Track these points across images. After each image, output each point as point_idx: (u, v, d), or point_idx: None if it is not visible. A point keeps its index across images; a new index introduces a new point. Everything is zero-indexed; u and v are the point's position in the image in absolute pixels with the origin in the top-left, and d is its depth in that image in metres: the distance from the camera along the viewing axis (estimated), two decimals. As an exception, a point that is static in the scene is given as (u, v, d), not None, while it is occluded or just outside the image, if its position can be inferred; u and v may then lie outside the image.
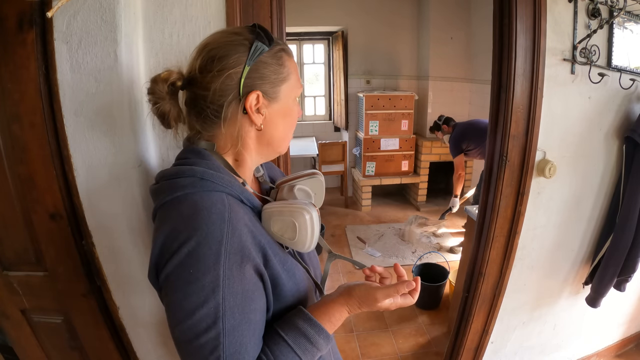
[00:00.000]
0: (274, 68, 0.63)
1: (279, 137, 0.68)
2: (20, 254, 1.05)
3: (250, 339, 0.55)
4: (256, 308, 0.57)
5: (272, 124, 0.66)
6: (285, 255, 0.66)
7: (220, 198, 0.58)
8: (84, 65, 0.89)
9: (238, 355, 0.53)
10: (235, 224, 0.55)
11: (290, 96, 0.67)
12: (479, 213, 1.52)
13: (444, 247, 3.33)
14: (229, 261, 0.53)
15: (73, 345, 1.18)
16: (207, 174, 0.59)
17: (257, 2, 1.08)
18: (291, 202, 0.66)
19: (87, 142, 0.94)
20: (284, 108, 0.67)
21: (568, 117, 1.38)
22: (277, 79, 0.64)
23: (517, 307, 1.63)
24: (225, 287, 0.52)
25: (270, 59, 0.63)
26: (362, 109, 3.91)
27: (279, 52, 0.64)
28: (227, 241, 0.53)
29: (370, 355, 2.13)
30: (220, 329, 0.52)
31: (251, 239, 0.58)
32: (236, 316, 0.53)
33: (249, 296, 0.55)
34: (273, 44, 0.64)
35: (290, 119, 0.69)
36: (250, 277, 0.56)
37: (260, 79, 0.62)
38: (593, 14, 1.29)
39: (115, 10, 0.87)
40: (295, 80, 0.67)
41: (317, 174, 0.77)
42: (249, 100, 0.61)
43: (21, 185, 0.98)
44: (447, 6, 3.80)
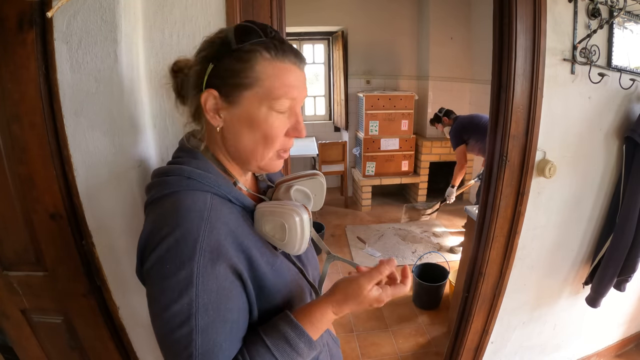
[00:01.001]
0: (236, 69, 0.58)
1: (244, 149, 0.62)
2: (20, 254, 1.05)
3: (225, 338, 0.55)
4: (232, 307, 0.56)
5: (233, 131, 0.61)
6: (274, 256, 0.65)
7: (202, 197, 0.58)
8: (84, 65, 0.89)
9: (211, 353, 0.53)
10: (214, 223, 0.55)
11: (258, 106, 0.59)
12: (479, 213, 1.52)
13: (444, 247, 3.33)
14: (204, 259, 0.53)
15: (73, 345, 1.18)
16: (194, 173, 0.60)
17: (257, 2, 1.08)
18: (283, 203, 0.65)
19: (87, 142, 0.94)
20: (247, 117, 0.60)
21: (568, 117, 1.38)
22: (238, 83, 0.58)
23: (517, 307, 1.63)
24: (199, 284, 0.52)
25: (235, 60, 0.58)
26: (362, 109, 3.91)
27: (249, 54, 0.58)
28: (204, 239, 0.53)
29: (370, 355, 2.13)
30: (193, 326, 0.52)
31: (231, 239, 0.57)
32: (210, 314, 0.53)
33: (224, 294, 0.54)
34: (247, 43, 0.58)
35: (260, 133, 0.60)
36: (225, 275, 0.55)
37: (220, 79, 0.59)
38: (593, 14, 1.29)
39: (115, 10, 0.87)
40: (268, 89, 0.58)
41: (318, 175, 0.75)
42: (203, 98, 0.60)
43: (21, 185, 0.98)
44: (447, 6, 3.80)
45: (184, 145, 0.67)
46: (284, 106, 0.61)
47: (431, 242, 3.41)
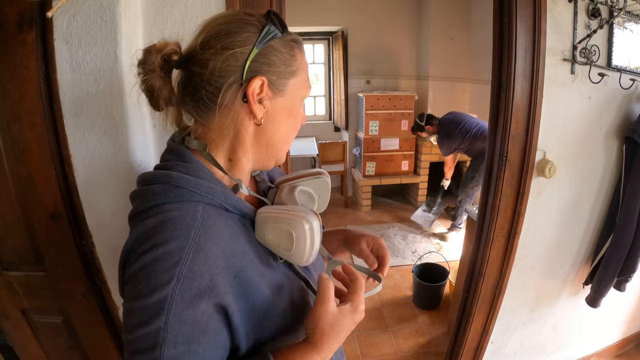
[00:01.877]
0: (285, 58, 0.56)
1: (279, 139, 0.60)
2: (20, 254, 1.05)
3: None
4: (208, 342, 0.47)
5: (274, 121, 0.58)
6: (272, 271, 0.58)
7: (192, 210, 0.50)
8: (84, 65, 0.89)
9: None
10: (202, 244, 0.48)
11: (298, 94, 0.60)
12: (479, 213, 1.52)
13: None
14: (182, 285, 0.45)
15: (73, 345, 1.18)
16: (183, 180, 0.52)
17: (257, 2, 1.08)
18: (290, 207, 0.58)
19: (87, 142, 0.94)
20: (289, 106, 0.59)
21: (568, 117, 1.38)
22: (286, 71, 0.57)
23: (517, 307, 1.63)
24: (171, 313, 0.45)
25: (282, 47, 0.56)
26: (362, 109, 3.91)
27: (292, 43, 0.58)
28: (185, 263, 0.46)
29: (370, 355, 2.13)
30: (158, 356, 0.45)
31: (223, 261, 0.49)
32: (179, 347, 0.45)
33: (199, 328, 0.46)
34: (287, 32, 0.58)
35: (294, 120, 0.61)
36: (204, 309, 0.47)
37: (268, 66, 0.55)
38: (593, 14, 1.29)
39: (115, 10, 0.87)
40: (304, 78, 0.60)
41: (323, 174, 0.69)
42: (252, 86, 0.53)
43: (21, 185, 0.98)
44: (447, 6, 3.80)
45: (172, 146, 0.59)
46: (307, 94, 0.62)
47: (431, 242, 3.41)
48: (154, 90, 0.55)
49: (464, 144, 3.17)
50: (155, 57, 0.53)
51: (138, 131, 0.96)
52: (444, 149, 3.30)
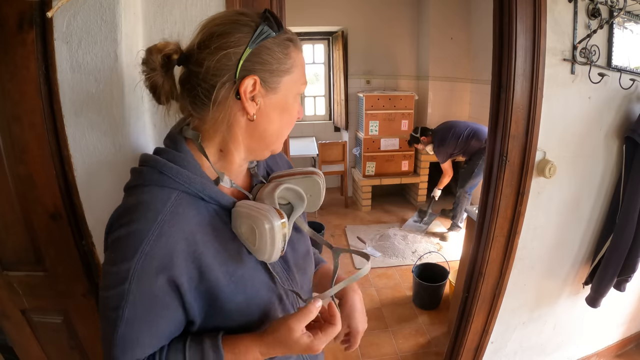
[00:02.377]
0: (278, 56, 0.59)
1: (273, 133, 0.63)
2: (20, 254, 1.05)
3: (146, 337, 0.57)
4: (162, 315, 0.57)
5: (267, 117, 0.61)
6: (238, 265, 0.61)
7: (165, 196, 0.56)
8: (84, 65, 0.89)
9: (128, 343, 0.56)
10: (166, 228, 0.54)
11: (292, 91, 0.62)
12: (479, 213, 1.52)
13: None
14: (144, 261, 0.53)
15: (73, 345, 1.18)
16: (167, 167, 0.58)
17: (257, 2, 1.08)
18: (259, 205, 0.59)
19: (87, 142, 0.94)
20: (283, 102, 0.61)
21: (568, 117, 1.38)
22: (279, 69, 0.59)
23: (517, 307, 1.63)
24: (133, 283, 0.53)
25: (275, 46, 0.58)
26: (362, 109, 3.91)
27: (286, 41, 0.60)
28: (149, 242, 0.53)
29: (370, 355, 2.13)
30: (120, 315, 0.54)
31: (184, 245, 0.55)
32: (137, 311, 0.55)
33: (155, 301, 0.55)
34: (281, 31, 0.59)
35: (289, 116, 0.63)
36: (161, 286, 0.54)
37: (261, 65, 0.58)
38: (593, 14, 1.29)
39: (115, 10, 0.87)
40: (299, 75, 0.62)
41: (315, 174, 0.70)
42: (244, 85, 0.57)
43: (21, 185, 0.98)
44: (447, 6, 3.80)
45: (173, 134, 0.65)
46: (302, 90, 0.64)
47: (431, 242, 3.41)
48: (156, 87, 0.59)
49: (459, 147, 3.30)
50: (157, 57, 0.57)
51: (138, 131, 0.96)
52: (441, 155, 3.41)
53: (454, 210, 3.46)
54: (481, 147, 3.23)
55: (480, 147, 3.24)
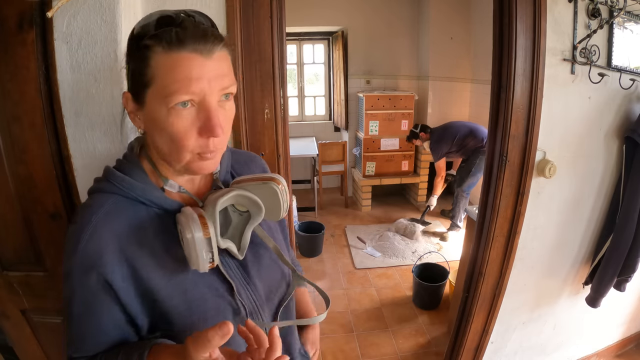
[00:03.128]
0: (138, 67, 0.54)
1: (161, 150, 0.58)
2: (20, 254, 1.05)
3: (93, 335, 0.59)
4: (102, 312, 0.58)
5: (150, 133, 0.59)
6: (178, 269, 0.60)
7: (103, 200, 0.59)
8: (84, 65, 0.89)
9: (78, 339, 0.60)
10: (98, 230, 0.56)
11: (159, 104, 0.53)
12: (479, 213, 1.52)
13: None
14: (80, 257, 0.56)
15: (73, 345, 1.18)
16: (112, 175, 0.61)
17: (257, 2, 1.08)
18: (189, 213, 0.57)
19: (87, 142, 0.94)
20: (152, 117, 0.55)
21: (568, 117, 1.38)
22: (140, 82, 0.54)
23: (517, 307, 1.63)
24: (75, 278, 0.56)
25: (135, 58, 0.54)
26: (362, 109, 3.91)
27: (145, 51, 0.52)
28: (83, 242, 0.56)
29: (370, 355, 2.13)
30: (71, 312, 0.58)
31: (114, 246, 0.56)
32: (80, 308, 0.58)
33: (94, 298, 0.57)
34: (144, 39, 0.53)
35: (165, 132, 0.55)
36: (95, 282, 0.56)
37: (130, 79, 0.57)
38: (593, 14, 1.29)
39: (115, 10, 0.87)
40: (162, 85, 0.52)
41: (271, 180, 0.64)
42: (124, 100, 0.59)
43: (21, 185, 0.98)
44: (447, 6, 3.80)
45: (128, 145, 0.68)
46: (179, 101, 0.52)
47: (431, 242, 3.41)
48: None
49: (455, 145, 3.32)
50: None
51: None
52: (435, 152, 3.42)
53: (453, 210, 3.47)
54: (478, 146, 3.26)
55: (477, 146, 3.26)
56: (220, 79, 0.54)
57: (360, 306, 2.56)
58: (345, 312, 2.49)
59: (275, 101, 1.16)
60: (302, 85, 4.64)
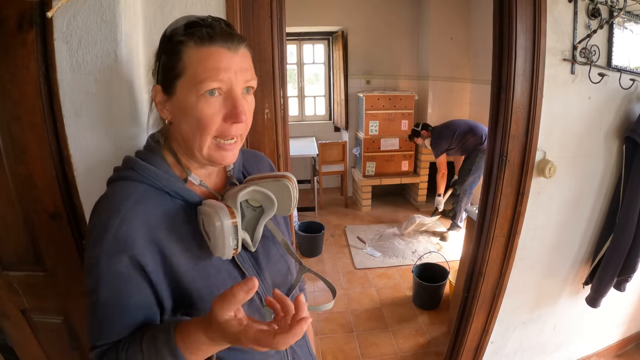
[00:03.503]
0: (170, 61, 0.62)
1: (188, 135, 0.63)
2: (20, 254, 1.05)
3: (119, 319, 0.60)
4: (130, 294, 0.60)
5: (177, 120, 0.64)
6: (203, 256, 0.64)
7: (132, 189, 0.62)
8: (84, 65, 0.89)
9: (103, 325, 0.60)
10: (127, 215, 0.59)
11: (190, 92, 0.60)
12: (479, 213, 1.52)
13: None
14: (109, 246, 0.57)
15: (73, 345, 1.18)
16: (137, 164, 0.64)
17: (257, 2, 1.08)
18: (215, 204, 0.61)
19: (87, 142, 0.94)
20: (182, 105, 0.62)
21: (568, 117, 1.38)
22: (171, 74, 0.62)
23: (517, 307, 1.63)
24: (103, 267, 0.58)
25: (169, 52, 0.62)
26: (362, 109, 3.91)
27: (177, 46, 0.61)
28: (113, 229, 0.58)
29: (370, 355, 2.13)
30: (96, 300, 0.59)
31: (145, 231, 0.59)
32: (107, 294, 0.59)
33: (124, 282, 0.59)
34: (177, 36, 0.61)
35: (195, 119, 0.61)
36: (126, 265, 0.58)
37: (161, 73, 0.64)
38: (593, 14, 1.29)
39: (115, 10, 0.87)
40: (193, 74, 0.60)
41: (284, 178, 0.70)
42: (153, 94, 0.65)
43: (21, 185, 0.98)
44: (447, 6, 3.81)
45: (149, 138, 0.71)
46: (210, 88, 0.59)
47: (431, 242, 3.41)
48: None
49: (455, 142, 3.33)
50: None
51: (138, 131, 0.96)
52: (436, 149, 3.42)
53: (454, 209, 3.47)
54: (477, 143, 3.27)
55: (476, 143, 3.27)
56: (244, 72, 0.62)
57: (360, 306, 2.56)
58: (345, 312, 2.49)
59: (275, 101, 1.16)
60: (302, 85, 4.64)
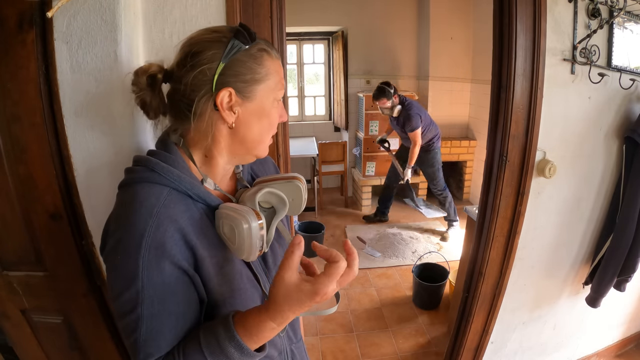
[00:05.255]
0: (251, 67, 0.63)
1: (253, 139, 0.66)
2: (20, 254, 1.05)
3: (170, 329, 0.58)
4: (179, 300, 0.59)
5: (245, 124, 0.65)
6: (227, 260, 0.65)
7: (158, 192, 0.60)
8: (84, 65, 0.89)
9: (153, 341, 0.57)
10: (161, 220, 0.57)
11: (268, 98, 0.65)
12: (479, 213, 1.52)
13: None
14: (149, 254, 0.55)
15: (73, 345, 1.18)
16: (159, 166, 0.62)
17: (257, 2, 1.08)
18: (239, 207, 0.62)
19: (87, 142, 0.94)
20: (259, 109, 0.65)
21: (568, 117, 1.38)
22: (253, 79, 0.63)
23: (517, 307, 1.63)
24: (145, 277, 0.55)
25: (248, 58, 0.62)
26: (362, 109, 3.91)
27: (259, 52, 0.64)
28: (149, 235, 0.55)
29: (370, 355, 2.13)
30: (139, 315, 0.56)
31: (178, 235, 0.58)
32: (155, 305, 0.56)
33: (169, 289, 0.57)
34: (254, 42, 0.63)
35: (268, 121, 0.67)
36: (170, 271, 0.57)
37: (235, 77, 0.62)
38: (593, 14, 1.29)
39: (115, 10, 0.87)
40: (275, 82, 0.65)
41: (295, 179, 0.72)
42: (220, 97, 0.61)
43: (21, 185, 0.98)
44: (447, 6, 3.80)
45: (164, 138, 0.69)
46: (280, 95, 0.67)
47: (431, 242, 3.41)
48: (145, 104, 0.66)
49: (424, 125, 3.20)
50: (142, 78, 0.64)
51: (138, 131, 0.96)
52: (416, 119, 3.10)
53: (445, 210, 3.47)
54: (434, 135, 3.32)
55: (434, 135, 3.31)
56: None
57: (360, 306, 2.56)
58: (345, 312, 2.49)
59: (275, 101, 1.16)
60: (302, 85, 4.63)
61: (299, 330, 0.86)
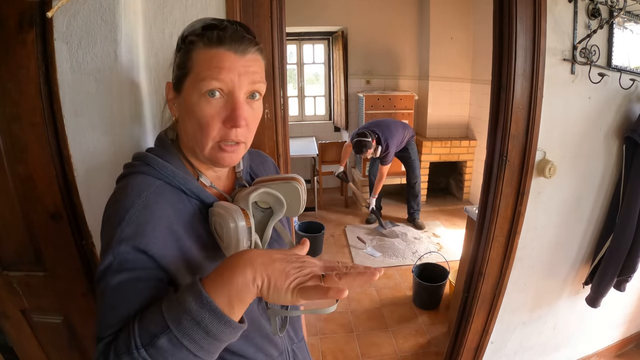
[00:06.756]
0: (180, 60, 0.63)
1: (192, 134, 0.63)
2: (20, 254, 1.05)
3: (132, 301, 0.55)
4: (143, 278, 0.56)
5: (183, 118, 0.65)
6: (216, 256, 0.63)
7: (151, 182, 0.61)
8: (84, 65, 0.89)
9: (115, 308, 0.55)
10: (150, 203, 0.58)
11: (194, 91, 0.60)
12: (479, 213, 1.52)
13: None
14: (128, 228, 0.56)
15: (73, 345, 1.18)
16: (154, 161, 0.63)
17: (257, 2, 1.08)
18: (229, 205, 0.61)
19: (87, 142, 0.94)
20: (186, 103, 0.62)
21: (568, 117, 1.38)
22: (181, 73, 0.63)
23: (517, 307, 1.63)
24: (116, 247, 0.55)
25: (181, 53, 0.64)
26: (362, 109, 3.91)
27: (188, 46, 0.62)
28: (134, 212, 0.57)
29: (370, 355, 2.13)
30: (108, 282, 0.55)
31: (165, 222, 0.58)
32: (124, 274, 0.55)
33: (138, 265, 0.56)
34: (190, 37, 0.62)
35: (194, 118, 0.61)
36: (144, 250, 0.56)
37: (175, 70, 0.65)
38: (593, 14, 1.29)
39: (115, 10, 0.87)
40: (197, 73, 0.60)
41: (294, 180, 0.71)
42: (166, 90, 0.66)
43: (21, 185, 0.98)
44: (447, 6, 3.80)
45: (161, 135, 0.71)
46: (209, 87, 0.59)
47: (431, 242, 3.41)
48: None
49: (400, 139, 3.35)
50: None
51: (138, 131, 0.96)
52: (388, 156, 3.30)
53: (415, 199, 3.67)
54: (411, 136, 3.45)
55: (410, 136, 3.45)
56: (249, 75, 0.61)
57: (360, 306, 2.56)
58: (345, 312, 2.49)
59: (275, 101, 1.16)
60: (302, 85, 4.63)
61: (300, 330, 0.86)
